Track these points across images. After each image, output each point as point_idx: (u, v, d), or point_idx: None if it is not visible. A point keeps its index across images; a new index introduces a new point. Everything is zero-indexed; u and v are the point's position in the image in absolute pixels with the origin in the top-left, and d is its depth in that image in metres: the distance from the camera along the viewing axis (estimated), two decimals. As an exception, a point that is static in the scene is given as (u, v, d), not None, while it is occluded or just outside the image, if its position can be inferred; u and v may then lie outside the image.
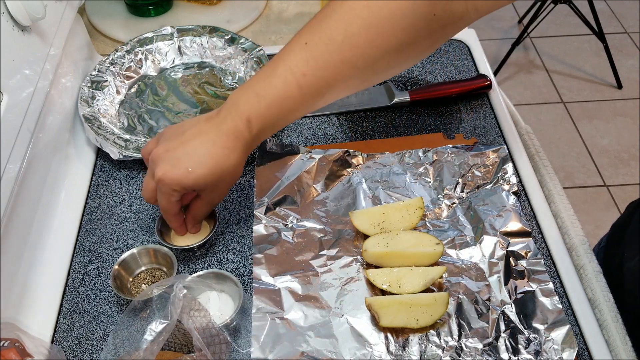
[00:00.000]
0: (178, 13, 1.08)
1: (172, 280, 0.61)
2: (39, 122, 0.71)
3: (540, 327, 0.62)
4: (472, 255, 0.69)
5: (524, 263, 0.67)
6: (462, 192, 0.75)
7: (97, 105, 0.85)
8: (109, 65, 0.90)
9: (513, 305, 0.64)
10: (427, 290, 0.65)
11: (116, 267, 0.67)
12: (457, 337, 0.62)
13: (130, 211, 0.77)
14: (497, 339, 0.62)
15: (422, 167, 0.78)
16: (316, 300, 0.65)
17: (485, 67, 0.95)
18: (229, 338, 0.61)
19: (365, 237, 0.70)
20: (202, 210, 0.69)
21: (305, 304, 0.65)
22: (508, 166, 0.76)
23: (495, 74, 2.42)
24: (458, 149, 0.79)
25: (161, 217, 0.71)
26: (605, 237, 0.82)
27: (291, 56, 0.62)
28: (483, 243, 0.70)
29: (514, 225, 0.71)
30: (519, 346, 0.61)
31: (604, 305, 0.64)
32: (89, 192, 0.79)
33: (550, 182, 0.77)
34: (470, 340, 0.62)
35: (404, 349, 0.62)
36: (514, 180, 0.75)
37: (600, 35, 2.34)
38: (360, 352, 0.61)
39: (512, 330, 0.62)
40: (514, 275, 0.66)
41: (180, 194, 0.65)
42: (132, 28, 1.04)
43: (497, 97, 0.90)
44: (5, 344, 0.58)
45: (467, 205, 0.73)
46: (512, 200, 0.73)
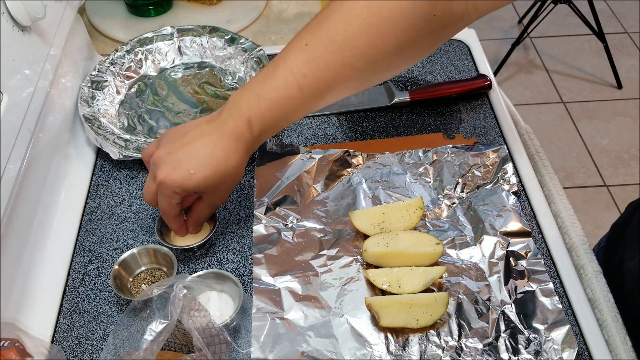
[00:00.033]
0: (178, 13, 1.08)
1: (172, 280, 0.61)
2: (39, 122, 0.71)
3: (540, 327, 0.62)
4: (472, 255, 0.69)
5: (524, 263, 0.67)
6: (462, 192, 0.75)
7: (97, 105, 0.85)
8: (109, 65, 0.90)
9: (513, 305, 0.64)
10: (427, 290, 0.65)
11: (116, 267, 0.68)
12: (457, 337, 0.62)
13: (130, 211, 0.77)
14: (497, 339, 0.62)
15: (422, 167, 0.78)
16: (316, 300, 0.65)
17: (485, 67, 0.95)
18: (229, 338, 0.61)
19: (365, 237, 0.70)
20: (204, 212, 0.69)
21: (305, 304, 0.65)
22: (508, 166, 0.76)
23: (495, 74, 2.42)
24: (458, 149, 0.79)
25: (161, 217, 0.71)
26: (605, 237, 0.82)
27: (291, 57, 0.62)
28: (483, 243, 0.70)
29: (514, 225, 0.71)
30: (519, 346, 0.61)
31: (604, 305, 0.64)
32: (89, 192, 0.79)
33: (550, 182, 0.77)
34: (470, 340, 0.62)
35: (404, 349, 0.62)
36: (514, 180, 0.75)
37: (600, 35, 2.34)
38: (360, 352, 0.61)
39: (512, 330, 0.62)
40: (514, 275, 0.66)
41: (181, 197, 0.65)
42: (132, 28, 1.04)
43: (497, 97, 0.90)
44: (5, 344, 0.58)
45: (467, 205, 0.73)
46: (512, 200, 0.73)
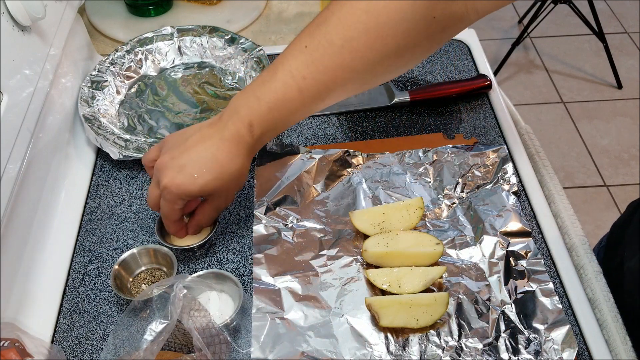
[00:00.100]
0: (178, 13, 1.08)
1: (172, 280, 0.61)
2: (39, 122, 0.71)
3: (540, 327, 0.62)
4: (472, 255, 0.69)
5: (524, 263, 0.67)
6: (462, 192, 0.75)
7: (97, 105, 0.85)
8: (109, 65, 0.90)
9: (513, 305, 0.64)
10: (427, 290, 0.65)
11: (116, 267, 0.68)
12: (457, 337, 0.62)
13: (130, 211, 0.77)
14: (497, 339, 0.62)
15: (422, 167, 0.78)
16: (316, 300, 0.65)
17: (485, 67, 0.95)
18: (229, 338, 0.61)
19: (365, 237, 0.70)
20: (208, 216, 0.69)
21: (305, 304, 0.65)
22: (508, 166, 0.76)
23: (495, 74, 2.42)
24: (458, 149, 0.79)
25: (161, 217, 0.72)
26: (605, 237, 0.82)
27: (291, 60, 0.62)
28: (483, 243, 0.70)
29: (514, 225, 0.71)
30: (519, 346, 0.61)
31: (604, 305, 0.64)
32: (89, 192, 0.79)
33: (550, 182, 0.77)
34: (470, 340, 0.62)
35: (404, 349, 0.61)
36: (514, 180, 0.75)
37: (600, 35, 2.34)
38: (360, 352, 0.61)
39: (512, 330, 0.62)
40: (514, 275, 0.66)
41: (184, 202, 0.65)
42: (132, 28, 1.04)
43: (497, 97, 0.90)
44: (5, 344, 0.58)
45: (467, 205, 0.73)
46: (512, 200, 0.73)
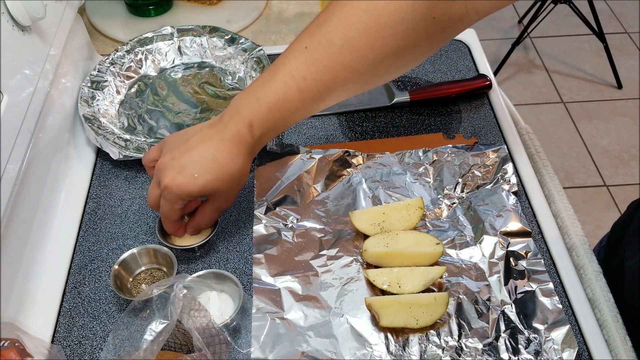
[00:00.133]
0: (178, 13, 1.08)
1: (172, 280, 0.61)
2: (39, 122, 0.71)
3: (540, 327, 0.62)
4: (472, 255, 0.69)
5: (524, 263, 0.67)
6: (462, 192, 0.75)
7: (97, 105, 0.85)
8: (109, 65, 0.90)
9: (513, 305, 0.64)
10: (427, 290, 0.65)
11: (116, 267, 0.68)
12: (457, 337, 0.62)
13: (130, 211, 0.77)
14: (497, 339, 0.62)
15: (422, 167, 0.78)
16: (316, 300, 0.65)
17: (485, 67, 0.95)
18: (229, 338, 0.61)
19: (365, 237, 0.70)
20: (207, 217, 0.69)
21: (305, 304, 0.65)
22: (508, 166, 0.76)
23: (495, 74, 2.42)
24: (458, 149, 0.79)
25: (161, 217, 0.72)
26: (606, 236, 0.82)
27: (291, 60, 0.62)
28: (483, 243, 0.70)
29: (514, 225, 0.71)
30: (519, 346, 0.61)
31: (604, 305, 0.64)
32: (89, 192, 0.79)
33: (550, 182, 0.77)
34: (470, 340, 0.62)
35: (404, 349, 0.61)
36: (514, 180, 0.75)
37: (600, 35, 2.34)
38: (360, 352, 0.61)
39: (512, 330, 0.62)
40: (514, 275, 0.66)
41: (185, 202, 0.65)
42: (132, 28, 1.04)
43: (497, 97, 0.90)
44: (5, 344, 0.58)
45: (467, 205, 0.73)
46: (512, 200, 0.73)
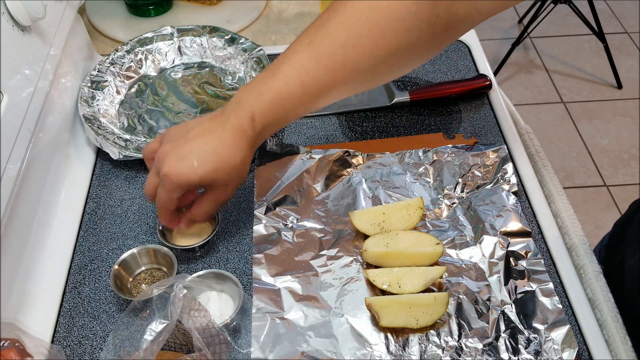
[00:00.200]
0: (178, 13, 1.08)
1: (172, 280, 0.61)
2: (39, 122, 0.71)
3: (540, 327, 0.62)
4: (472, 255, 0.69)
5: (524, 263, 0.67)
6: (462, 192, 0.75)
7: (97, 105, 0.85)
8: (109, 65, 0.90)
9: (513, 305, 0.64)
10: (427, 290, 0.65)
11: (116, 267, 0.68)
12: (457, 337, 0.62)
13: (130, 211, 0.77)
14: (497, 339, 0.62)
15: (422, 167, 0.78)
16: (316, 300, 0.65)
17: (485, 67, 0.95)
18: (229, 338, 0.61)
19: (365, 237, 0.70)
20: (204, 209, 0.68)
21: (305, 304, 0.65)
22: (508, 166, 0.76)
23: (495, 74, 2.42)
24: (458, 149, 0.79)
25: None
26: (607, 236, 0.82)
27: (295, 55, 0.62)
28: (483, 243, 0.70)
29: (514, 225, 0.71)
30: (519, 346, 0.61)
31: (604, 305, 0.64)
32: (89, 192, 0.79)
33: (550, 182, 0.77)
34: (470, 340, 0.62)
35: (404, 349, 0.61)
36: (514, 180, 0.75)
37: (600, 35, 2.34)
38: (360, 352, 0.61)
39: (512, 330, 0.62)
40: (514, 275, 0.66)
41: (183, 191, 0.64)
42: (132, 28, 1.04)
43: (497, 97, 0.90)
44: (5, 344, 0.58)
45: (467, 205, 0.73)
46: (512, 200, 0.73)
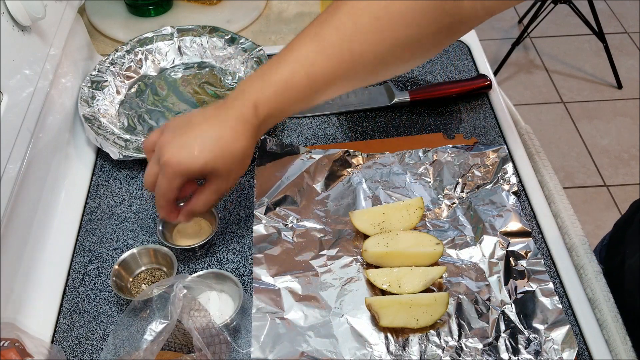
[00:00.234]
0: (178, 13, 1.08)
1: (172, 280, 0.61)
2: (39, 122, 0.71)
3: (540, 327, 0.62)
4: (472, 255, 0.69)
5: (524, 263, 0.67)
6: (462, 192, 0.75)
7: (97, 105, 0.85)
8: (109, 65, 0.90)
9: (513, 305, 0.64)
10: (427, 290, 0.65)
11: (116, 267, 0.68)
12: (457, 337, 0.62)
13: (130, 211, 0.77)
14: (497, 339, 0.62)
15: (422, 167, 0.78)
16: (316, 300, 0.65)
17: (485, 67, 0.95)
18: (229, 338, 0.61)
19: (365, 237, 0.70)
20: (204, 200, 0.66)
21: (305, 304, 0.65)
22: (508, 166, 0.76)
23: (495, 74, 2.42)
24: (458, 149, 0.79)
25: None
26: (608, 235, 0.82)
27: (301, 46, 0.62)
28: (483, 243, 0.70)
29: (514, 225, 0.71)
30: (519, 346, 0.61)
31: (604, 305, 0.64)
32: (89, 192, 0.79)
33: (550, 182, 0.77)
34: (470, 340, 0.62)
35: (404, 349, 0.61)
36: (514, 180, 0.75)
37: (600, 35, 2.34)
38: (360, 352, 0.61)
39: (512, 330, 0.62)
40: (514, 275, 0.66)
41: (183, 180, 0.63)
42: (132, 28, 1.04)
43: (497, 97, 0.90)
44: (5, 344, 0.58)
45: (467, 205, 0.73)
46: (512, 200, 0.73)
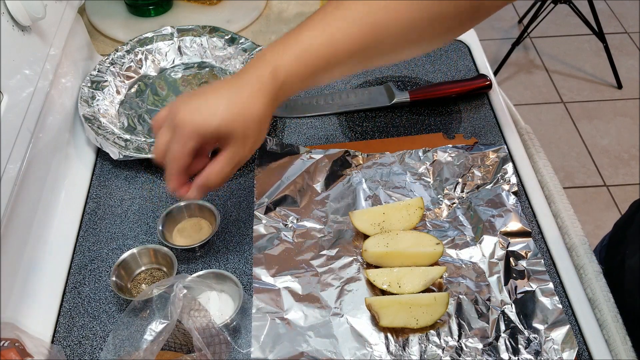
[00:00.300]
0: (178, 13, 1.08)
1: (172, 280, 0.61)
2: (39, 122, 0.71)
3: (540, 327, 0.62)
4: (472, 255, 0.69)
5: (524, 263, 0.67)
6: (462, 192, 0.75)
7: (97, 105, 0.85)
8: (109, 65, 0.90)
9: (513, 305, 0.64)
10: (427, 290, 0.65)
11: (116, 267, 0.68)
12: (457, 337, 0.62)
13: (130, 211, 0.77)
14: (497, 339, 0.62)
15: (422, 167, 0.78)
16: (316, 300, 0.65)
17: (485, 67, 0.95)
18: (229, 338, 0.61)
19: (365, 237, 0.70)
20: (217, 170, 0.62)
21: (305, 304, 0.65)
22: (508, 166, 0.76)
23: (495, 74, 2.42)
24: (458, 149, 0.79)
25: (163, 216, 0.72)
26: (608, 235, 0.82)
27: (326, 15, 0.61)
28: (483, 243, 0.70)
29: (514, 225, 0.71)
30: (519, 346, 0.61)
31: (604, 305, 0.64)
32: (89, 192, 0.79)
33: (550, 182, 0.77)
34: (470, 340, 0.62)
35: (404, 349, 0.62)
36: (514, 180, 0.75)
37: (600, 35, 2.34)
38: (360, 352, 0.61)
39: (512, 330, 0.62)
40: (514, 275, 0.66)
41: (197, 143, 0.60)
42: (132, 28, 1.04)
43: (497, 97, 0.90)
44: (5, 344, 0.58)
45: (467, 205, 0.73)
46: (512, 200, 0.73)
